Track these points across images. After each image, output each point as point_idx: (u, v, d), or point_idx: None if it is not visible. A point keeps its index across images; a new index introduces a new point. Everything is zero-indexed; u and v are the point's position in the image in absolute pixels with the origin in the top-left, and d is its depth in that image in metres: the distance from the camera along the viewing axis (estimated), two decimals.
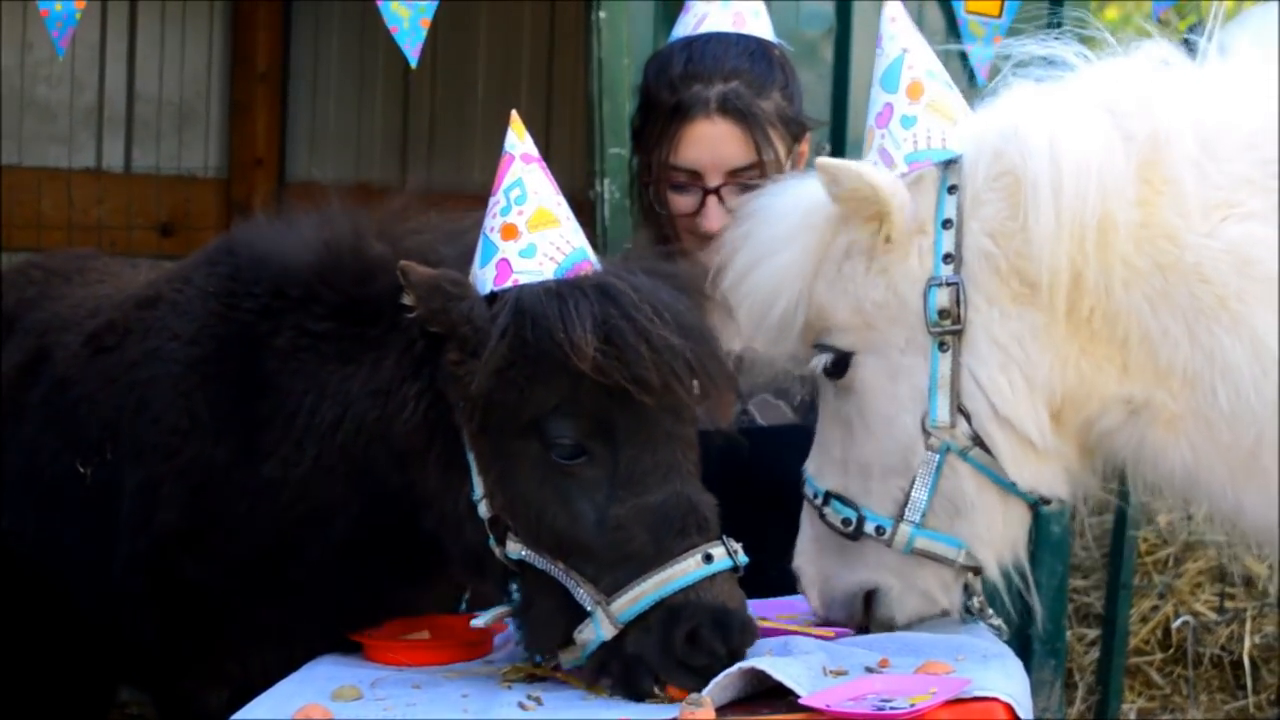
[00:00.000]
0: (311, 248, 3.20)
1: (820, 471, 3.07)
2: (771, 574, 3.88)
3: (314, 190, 3.35)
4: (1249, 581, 5.80)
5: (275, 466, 3.15)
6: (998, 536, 2.98)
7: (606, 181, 4.43)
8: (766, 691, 2.68)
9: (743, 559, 2.86)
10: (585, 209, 4.49)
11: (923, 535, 2.95)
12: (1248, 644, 5.62)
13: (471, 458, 2.93)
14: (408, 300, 2.90)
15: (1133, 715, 5.56)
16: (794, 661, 2.75)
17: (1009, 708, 2.60)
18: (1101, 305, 2.79)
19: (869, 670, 2.79)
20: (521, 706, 2.75)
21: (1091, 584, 5.93)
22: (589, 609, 2.83)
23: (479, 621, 3.02)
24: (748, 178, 3.69)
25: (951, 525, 2.95)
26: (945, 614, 3.06)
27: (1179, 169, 2.75)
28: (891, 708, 2.51)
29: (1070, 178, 2.75)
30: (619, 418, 2.85)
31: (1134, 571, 5.58)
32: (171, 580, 3.30)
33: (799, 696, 2.60)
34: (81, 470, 3.42)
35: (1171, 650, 5.69)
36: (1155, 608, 5.73)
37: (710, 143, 3.75)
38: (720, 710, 2.61)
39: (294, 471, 3.12)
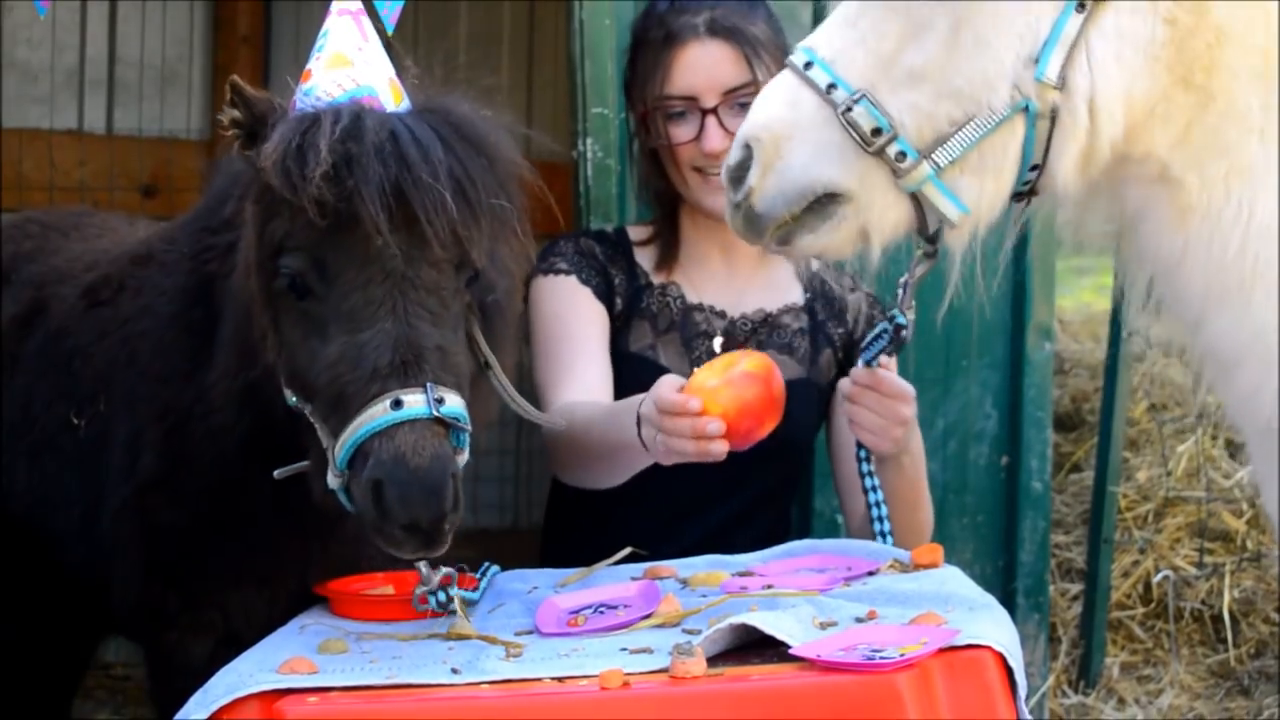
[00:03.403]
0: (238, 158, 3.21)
1: (845, 57, 2.75)
2: (772, 523, 3.95)
3: None
4: (1227, 536, 5.84)
5: (212, 377, 3.18)
6: (984, 216, 2.80)
7: (590, 141, 4.44)
8: (757, 643, 2.70)
9: (450, 410, 2.73)
10: (569, 169, 4.51)
11: (934, 182, 2.72)
12: (1227, 598, 5.65)
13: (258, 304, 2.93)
14: (232, 116, 2.88)
15: (1116, 669, 5.58)
16: (783, 615, 2.76)
17: (999, 656, 2.63)
18: (1215, 49, 2.64)
19: (858, 621, 2.81)
20: (506, 656, 2.77)
21: (1073, 539, 5.96)
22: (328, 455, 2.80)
23: (278, 472, 3.00)
24: (743, 96, 3.74)
25: (960, 183, 2.74)
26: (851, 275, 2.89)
27: None
28: (882, 657, 2.53)
29: None
30: (330, 252, 2.80)
31: (1115, 527, 5.61)
32: (149, 525, 3.34)
33: (790, 647, 2.62)
34: (76, 421, 3.45)
35: (1153, 605, 5.71)
36: (1136, 562, 5.75)
37: (703, 64, 3.78)
38: (711, 661, 2.63)
39: (220, 377, 3.16)
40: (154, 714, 3.54)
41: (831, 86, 2.73)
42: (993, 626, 2.72)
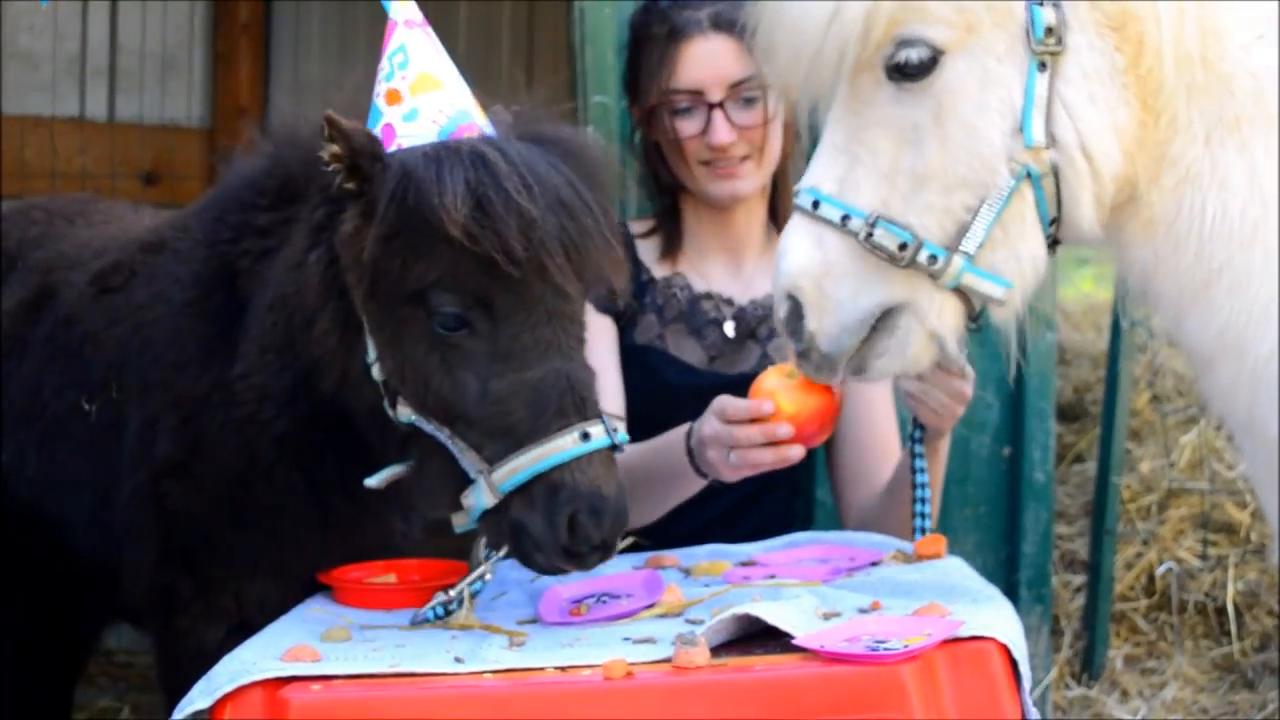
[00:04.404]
0: (263, 152, 3.34)
1: (849, 184, 2.82)
2: (773, 513, 3.94)
3: None
4: (1231, 528, 5.83)
5: (241, 368, 3.25)
6: (1026, 285, 2.84)
7: (590, 129, 4.43)
8: (760, 633, 2.69)
9: (622, 437, 2.92)
10: None
11: (971, 271, 2.78)
12: (1231, 590, 5.64)
13: (365, 320, 2.99)
14: (332, 151, 2.91)
15: (1119, 661, 5.58)
16: (786, 605, 2.76)
17: (1004, 647, 2.62)
18: (1155, 71, 2.71)
19: (862, 612, 2.80)
20: (509, 645, 2.77)
21: (1076, 531, 5.95)
22: (472, 476, 2.90)
23: (372, 481, 3.07)
24: (748, 89, 3.77)
25: (995, 261, 2.79)
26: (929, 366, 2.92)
27: None
28: (886, 648, 2.53)
29: None
30: (498, 293, 2.89)
31: (1118, 518, 5.60)
32: (164, 511, 3.34)
33: (793, 638, 2.61)
34: (87, 407, 3.46)
35: (1156, 597, 5.70)
36: (1139, 554, 5.74)
37: (709, 58, 3.79)
38: (714, 651, 2.62)
39: (252, 369, 3.23)
40: (159, 700, 3.55)
41: (846, 218, 2.80)
42: (997, 618, 2.71)
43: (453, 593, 3.01)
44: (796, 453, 3.18)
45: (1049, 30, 2.71)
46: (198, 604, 3.37)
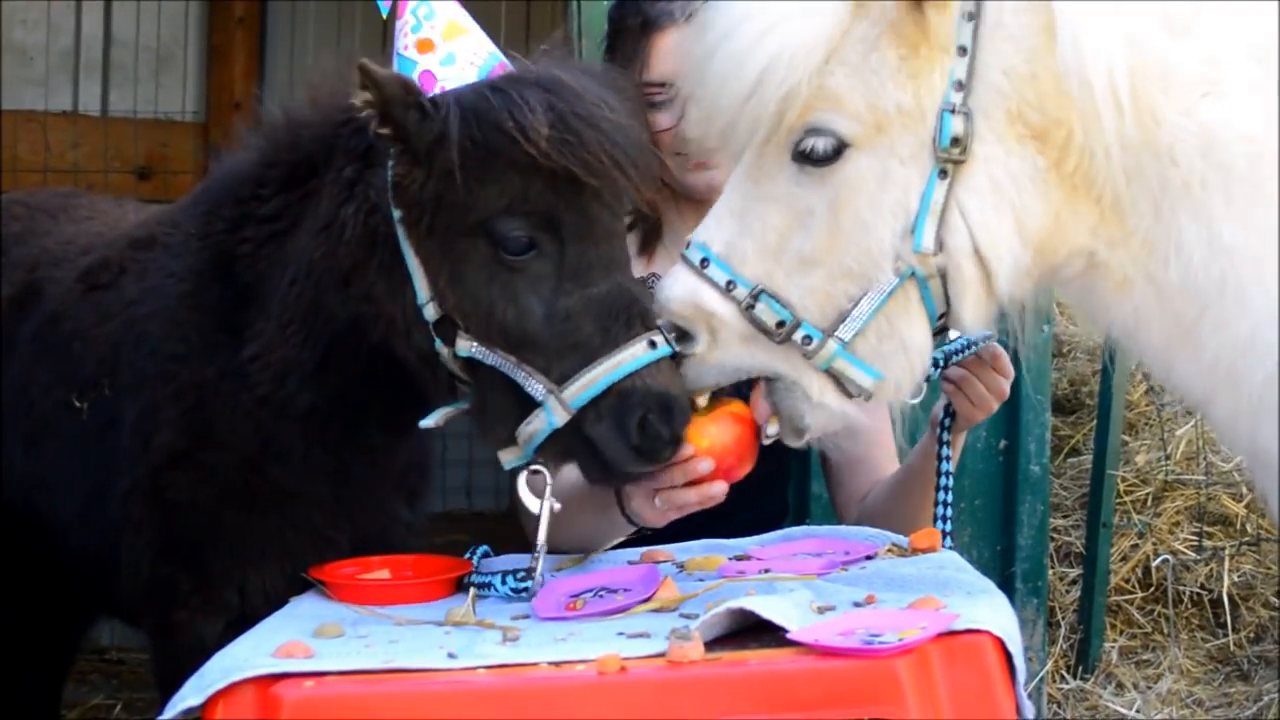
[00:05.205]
0: (253, 146, 3.39)
1: (738, 253, 2.89)
2: (768, 507, 3.93)
3: None
4: (1226, 520, 5.83)
5: (254, 349, 3.28)
6: (914, 373, 2.91)
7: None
8: (755, 627, 2.69)
9: (678, 346, 2.97)
10: None
11: (844, 357, 2.85)
12: (1226, 582, 5.65)
13: (416, 263, 3.03)
14: (364, 99, 2.96)
15: (1115, 653, 5.58)
16: (781, 599, 2.75)
17: (998, 641, 2.62)
18: (1084, 166, 2.75)
19: (856, 606, 2.80)
20: (502, 640, 2.76)
21: (1071, 523, 5.95)
22: (540, 399, 2.96)
23: (428, 421, 3.11)
24: None
25: (874, 353, 2.86)
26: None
27: (1162, 39, 2.69)
28: (880, 642, 2.52)
29: (1091, 51, 2.68)
30: (565, 214, 2.98)
31: (1113, 511, 5.60)
32: (166, 503, 3.35)
33: (787, 632, 2.61)
34: (78, 405, 3.46)
35: (1152, 589, 5.71)
36: (1135, 546, 5.75)
37: (682, 50, 3.74)
38: (709, 645, 2.61)
39: (270, 348, 3.26)
40: (153, 697, 3.54)
41: (731, 284, 2.88)
42: (991, 611, 2.70)
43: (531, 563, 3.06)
44: (719, 489, 3.15)
45: (955, 140, 2.75)
46: (196, 598, 3.37)
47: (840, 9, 2.80)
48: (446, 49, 3.04)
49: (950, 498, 3.46)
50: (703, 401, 3.07)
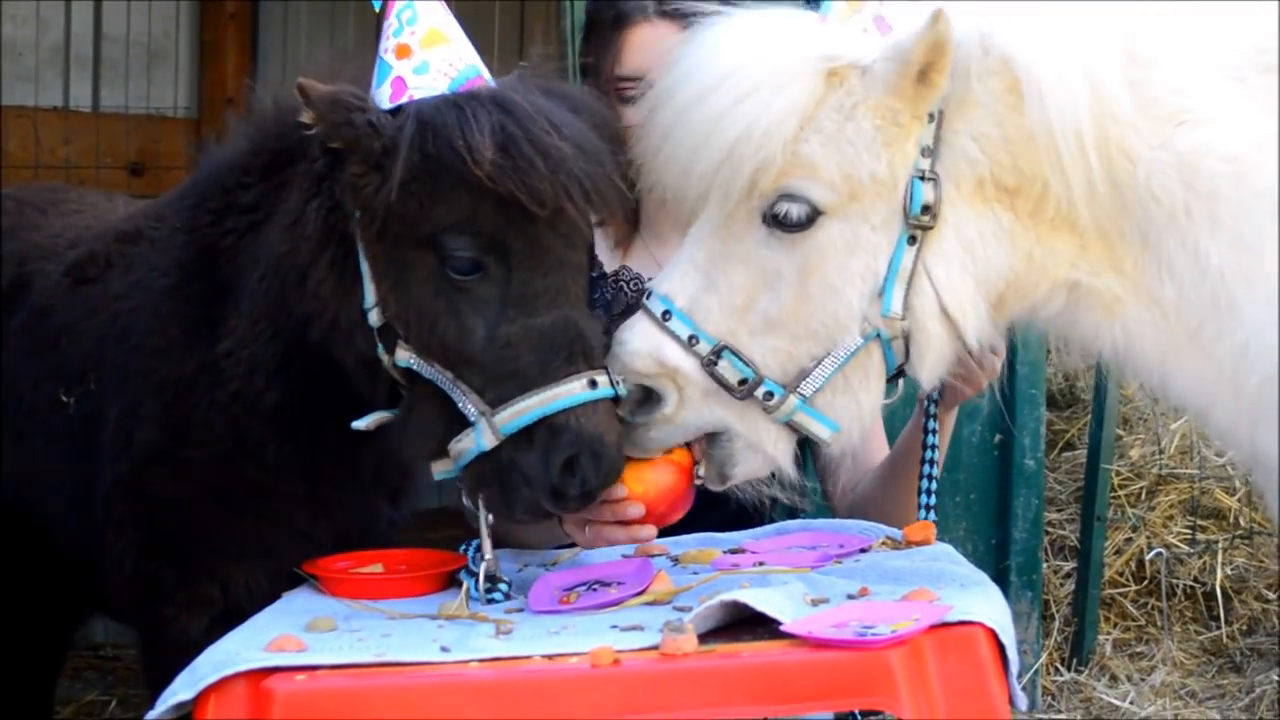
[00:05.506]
0: (243, 135, 3.37)
1: (701, 309, 2.91)
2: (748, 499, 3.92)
3: None
4: (1219, 514, 5.84)
5: (227, 345, 3.26)
6: (862, 424, 2.95)
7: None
8: (748, 620, 2.68)
9: (623, 389, 2.93)
10: None
11: (805, 411, 2.89)
12: (1219, 575, 5.66)
13: (365, 266, 3.00)
14: (306, 118, 2.96)
15: (1108, 646, 5.59)
16: (774, 592, 2.75)
17: (991, 632, 2.61)
18: (1064, 210, 2.78)
19: (850, 598, 2.80)
20: (495, 634, 2.76)
21: (1066, 517, 5.96)
22: (472, 419, 2.92)
23: (359, 424, 3.09)
24: None
25: (832, 404, 2.90)
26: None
27: (1129, 76, 2.72)
28: (874, 634, 2.52)
29: (1058, 96, 2.71)
30: (515, 239, 2.93)
31: (1107, 504, 5.61)
32: (148, 499, 3.34)
33: (781, 624, 2.60)
34: (65, 399, 3.45)
35: (1145, 582, 5.73)
36: (1129, 540, 5.76)
37: (652, 45, 3.74)
38: (702, 638, 2.61)
39: (241, 344, 3.24)
40: (147, 693, 3.52)
41: (693, 339, 2.90)
42: (985, 603, 2.70)
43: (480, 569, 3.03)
44: (648, 533, 3.16)
45: (925, 207, 2.78)
46: (181, 593, 3.36)
47: (814, 78, 2.82)
48: (422, 57, 3.01)
49: (936, 471, 3.45)
50: None
